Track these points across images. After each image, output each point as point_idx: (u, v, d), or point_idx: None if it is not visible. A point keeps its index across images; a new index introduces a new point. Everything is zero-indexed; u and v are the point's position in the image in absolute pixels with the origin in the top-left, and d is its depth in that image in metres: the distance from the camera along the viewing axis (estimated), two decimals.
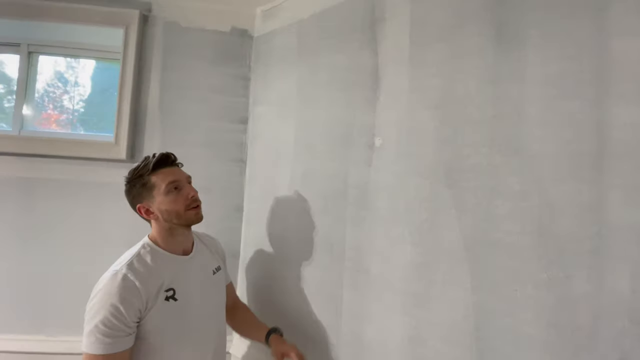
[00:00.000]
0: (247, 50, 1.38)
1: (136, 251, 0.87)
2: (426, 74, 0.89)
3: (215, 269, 1.01)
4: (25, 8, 1.31)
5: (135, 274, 0.81)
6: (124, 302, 0.77)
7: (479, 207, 0.78)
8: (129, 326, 0.78)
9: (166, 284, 0.85)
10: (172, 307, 0.85)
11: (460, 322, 0.79)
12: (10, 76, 1.58)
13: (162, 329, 0.84)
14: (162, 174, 0.88)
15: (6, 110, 1.58)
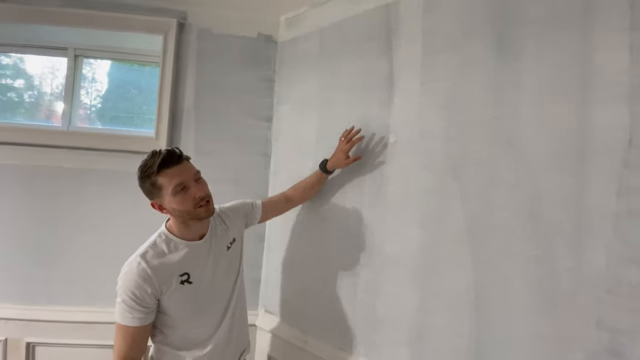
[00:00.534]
0: (272, 54, 1.51)
1: (152, 240, 0.93)
2: (435, 79, 1.01)
3: (229, 244, 1.05)
4: (75, 16, 1.47)
5: (148, 262, 0.87)
6: (139, 288, 0.85)
7: (480, 195, 0.90)
8: (147, 306, 0.87)
9: (181, 270, 0.91)
10: (188, 289, 0.92)
11: (462, 294, 0.92)
12: (29, 73, 1.76)
13: (180, 307, 0.92)
14: (168, 176, 0.87)
15: (26, 105, 1.75)
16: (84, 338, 1.41)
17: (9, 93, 1.71)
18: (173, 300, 0.90)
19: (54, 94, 1.76)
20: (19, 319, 1.41)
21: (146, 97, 1.73)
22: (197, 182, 0.93)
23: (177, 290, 0.90)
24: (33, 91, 1.75)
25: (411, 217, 1.03)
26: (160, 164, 0.86)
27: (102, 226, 1.46)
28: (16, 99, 1.73)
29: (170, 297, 0.90)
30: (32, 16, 1.48)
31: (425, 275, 1.00)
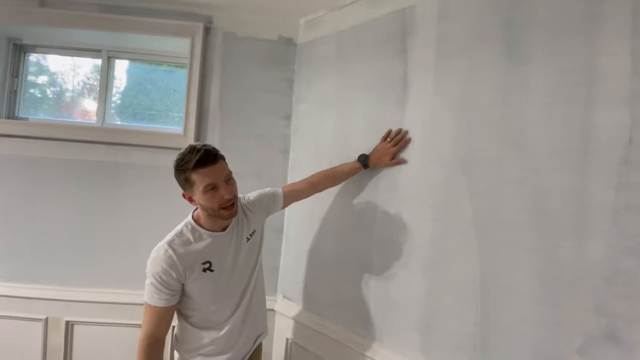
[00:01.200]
0: (292, 55, 1.60)
1: (179, 229, 1.00)
2: (448, 81, 1.08)
3: (249, 235, 1.10)
4: (111, 22, 1.59)
5: (174, 250, 0.94)
6: (164, 272, 0.93)
7: (487, 191, 0.97)
8: (172, 289, 0.94)
9: (204, 258, 0.98)
10: (209, 277, 0.99)
11: (469, 283, 0.99)
12: (51, 70, 1.88)
13: (201, 292, 0.99)
14: (201, 175, 0.91)
15: (50, 100, 1.88)
16: (116, 318, 1.55)
17: (32, 89, 1.84)
18: (195, 285, 0.98)
19: (75, 91, 1.89)
20: (59, 300, 1.55)
21: (163, 94, 1.84)
22: (227, 183, 0.97)
23: (200, 277, 0.98)
24: (55, 87, 1.88)
25: (423, 210, 1.11)
26: (196, 163, 0.91)
27: (134, 215, 1.58)
28: (39, 95, 1.86)
29: (193, 282, 0.97)
30: (71, 21, 1.60)
31: (435, 265, 1.07)
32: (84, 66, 1.86)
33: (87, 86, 1.88)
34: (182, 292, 0.99)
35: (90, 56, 1.82)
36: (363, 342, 1.24)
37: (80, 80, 1.86)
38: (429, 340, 1.08)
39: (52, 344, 1.55)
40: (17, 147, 1.57)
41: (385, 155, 1.18)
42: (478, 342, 0.97)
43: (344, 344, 1.28)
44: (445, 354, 1.04)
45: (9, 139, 1.57)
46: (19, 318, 1.55)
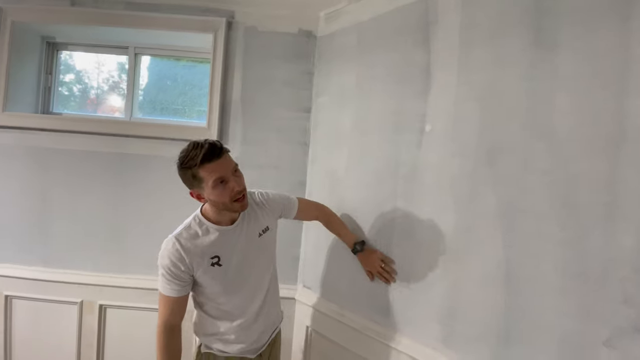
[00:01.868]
0: (312, 48, 1.61)
1: (188, 223, 1.01)
2: (472, 71, 1.06)
3: (262, 231, 1.10)
4: (137, 19, 1.64)
5: (181, 243, 0.96)
6: (173, 265, 0.95)
7: (513, 181, 0.96)
8: (182, 280, 0.96)
9: (212, 252, 0.98)
10: (217, 271, 0.99)
11: (492, 273, 0.99)
12: (77, 68, 1.96)
13: (211, 285, 1.00)
14: (209, 169, 0.91)
15: (76, 97, 1.96)
16: (145, 302, 1.62)
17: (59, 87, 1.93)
18: (205, 278, 0.99)
19: (100, 88, 1.97)
20: (93, 284, 1.64)
21: (184, 89, 1.89)
22: (235, 175, 0.96)
23: (208, 271, 0.98)
24: (81, 85, 1.97)
25: (444, 202, 1.10)
26: (203, 158, 0.89)
27: (160, 206, 1.65)
28: (66, 93, 1.95)
29: (202, 275, 0.98)
30: (100, 19, 1.67)
31: (457, 255, 1.07)
32: (108, 64, 1.94)
33: (111, 83, 1.96)
34: (195, 282, 1.01)
35: (118, 53, 1.89)
36: (383, 331, 1.26)
37: (104, 78, 1.94)
38: (450, 330, 1.08)
39: (86, 325, 1.65)
40: (52, 140, 1.66)
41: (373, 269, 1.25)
42: (502, 333, 0.97)
43: (363, 332, 1.30)
44: (467, 344, 1.04)
45: (44, 133, 1.66)
46: (55, 301, 1.65)
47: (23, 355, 1.67)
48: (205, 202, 1.00)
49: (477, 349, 1.02)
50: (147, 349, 1.62)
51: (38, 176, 1.66)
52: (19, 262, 1.66)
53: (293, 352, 1.60)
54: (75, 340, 1.65)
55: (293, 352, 1.60)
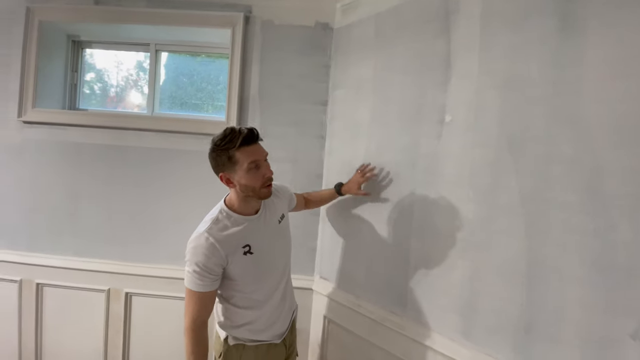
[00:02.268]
0: (328, 41, 1.61)
1: (214, 216, 1.02)
2: (494, 59, 1.04)
3: (280, 218, 1.15)
4: (158, 16, 1.68)
5: (215, 237, 0.97)
6: (207, 259, 0.95)
7: (536, 170, 0.94)
8: (214, 274, 0.97)
9: (243, 242, 1.01)
10: (250, 259, 1.02)
11: (514, 264, 0.98)
12: (97, 67, 2.02)
13: (244, 274, 1.02)
14: (246, 152, 0.95)
15: (98, 96, 2.02)
16: (168, 291, 1.68)
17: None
18: (237, 268, 1.01)
19: (119, 86, 2.03)
20: (120, 273, 1.71)
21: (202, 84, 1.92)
22: (266, 163, 1.02)
23: (241, 260, 1.01)
24: (101, 83, 2.03)
25: (464, 192, 1.10)
26: (242, 141, 0.95)
27: (182, 198, 1.69)
28: (87, 91, 2.02)
29: (235, 266, 1.00)
30: (123, 16, 1.72)
31: (477, 247, 1.07)
32: (127, 62, 2.00)
33: (130, 81, 2.02)
34: (224, 274, 1.02)
35: (139, 50, 1.94)
36: (400, 321, 1.26)
37: (123, 76, 2.00)
38: (469, 322, 1.08)
39: (113, 312, 1.73)
40: (79, 135, 1.73)
41: (354, 183, 1.36)
42: (523, 324, 0.96)
43: (380, 323, 1.31)
44: (487, 336, 1.04)
45: (72, 128, 1.73)
46: (85, 289, 1.73)
47: (53, 340, 1.77)
48: (233, 186, 1.01)
49: (497, 341, 1.02)
50: (170, 336, 1.69)
51: (67, 170, 1.74)
52: (50, 252, 1.75)
53: (310, 341, 1.63)
54: (103, 326, 1.73)
55: (310, 341, 1.63)
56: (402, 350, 1.24)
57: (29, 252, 1.75)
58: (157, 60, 1.90)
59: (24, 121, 1.73)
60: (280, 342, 1.14)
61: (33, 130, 1.75)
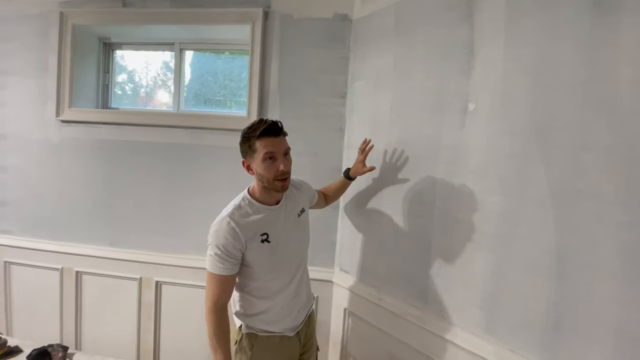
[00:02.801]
0: (347, 32, 1.59)
1: (237, 203, 1.06)
2: (521, 43, 0.99)
3: (300, 212, 1.17)
4: (182, 15, 1.74)
5: (236, 222, 1.00)
6: (227, 243, 0.98)
7: (567, 160, 0.89)
8: (233, 258, 1.00)
9: (261, 230, 1.04)
10: (267, 247, 1.04)
11: (542, 258, 0.94)
12: (128, 68, 2.10)
13: (260, 262, 1.05)
14: (264, 143, 0.99)
15: (129, 96, 2.11)
16: (195, 280, 1.76)
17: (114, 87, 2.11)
18: (254, 255, 1.03)
19: (148, 86, 2.11)
20: (151, 263, 1.81)
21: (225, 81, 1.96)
22: (284, 158, 1.03)
23: (258, 247, 1.03)
24: (132, 84, 2.12)
25: (489, 183, 1.06)
26: (262, 131, 0.99)
27: (208, 191, 1.76)
28: (119, 92, 2.12)
29: (252, 252, 1.03)
30: (148, 17, 1.78)
31: (502, 240, 1.03)
32: (155, 63, 2.08)
33: (158, 81, 2.10)
34: (242, 261, 1.04)
35: (164, 49, 2.01)
36: (421, 315, 1.25)
37: (152, 76, 2.09)
38: (493, 317, 1.05)
39: (145, 299, 1.83)
40: (112, 132, 1.83)
41: (357, 163, 1.38)
42: (551, 320, 0.93)
43: (401, 316, 1.30)
44: (512, 331, 1.01)
45: (105, 126, 1.84)
46: (119, 277, 1.84)
47: (91, 324, 1.90)
48: (252, 174, 1.06)
49: (521, 337, 0.99)
50: (196, 322, 1.77)
51: (101, 165, 1.85)
52: (88, 242, 1.87)
53: (331, 333, 1.65)
54: (136, 312, 1.83)
55: (331, 333, 1.65)
56: (422, 344, 1.23)
57: (69, 242, 1.89)
58: (181, 58, 1.96)
59: (61, 120, 1.86)
60: (294, 336, 1.15)
61: (70, 128, 1.87)
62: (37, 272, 1.91)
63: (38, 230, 1.92)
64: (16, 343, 1.61)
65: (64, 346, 1.57)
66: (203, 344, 1.78)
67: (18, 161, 1.92)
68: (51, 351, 1.53)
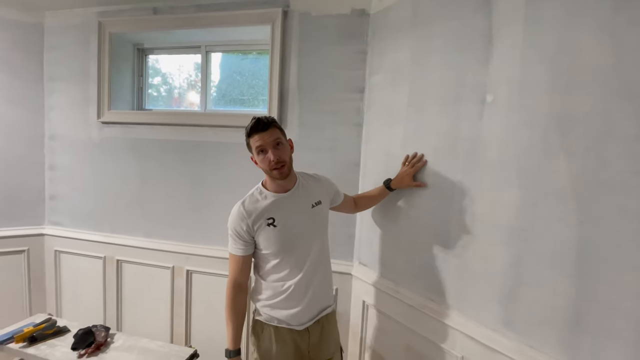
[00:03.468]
0: (365, 27, 1.60)
1: (251, 192, 1.19)
2: (542, 30, 0.96)
3: (315, 203, 1.21)
4: (207, 19, 1.82)
5: (245, 207, 1.14)
6: (237, 225, 1.14)
7: (590, 150, 0.86)
8: (242, 240, 1.14)
9: (268, 214, 1.13)
10: (273, 231, 1.13)
11: (563, 252, 0.91)
12: (162, 71, 2.22)
13: (268, 245, 1.14)
14: (254, 139, 1.10)
15: (164, 98, 2.23)
16: (225, 270, 1.85)
17: (149, 89, 2.25)
18: (262, 238, 1.14)
19: (181, 87, 2.23)
20: (182, 253, 1.93)
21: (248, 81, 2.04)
22: (275, 148, 1.10)
23: (265, 231, 1.13)
24: (166, 86, 2.26)
25: (508, 176, 1.04)
26: (250, 129, 1.11)
27: (233, 186, 1.84)
28: (155, 94, 2.25)
29: (260, 235, 1.14)
30: (177, 23, 1.89)
31: (521, 234, 1.01)
32: (186, 65, 2.20)
33: (190, 82, 2.22)
34: (255, 246, 1.17)
35: (192, 52, 2.12)
36: (439, 309, 1.25)
37: (184, 78, 2.21)
38: (511, 312, 1.03)
39: (177, 286, 1.97)
40: (146, 132, 1.97)
41: (406, 176, 1.32)
42: (571, 317, 0.90)
43: (419, 309, 1.31)
44: (531, 327, 0.99)
45: (140, 126, 1.98)
46: (153, 265, 1.99)
47: (130, 308, 2.07)
48: (259, 167, 1.16)
49: (541, 333, 0.96)
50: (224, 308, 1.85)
51: (138, 163, 2.00)
52: (127, 234, 2.04)
53: (351, 324, 1.69)
54: (169, 298, 1.98)
55: (351, 324, 1.69)
56: (440, 337, 1.23)
57: (111, 233, 2.06)
58: (207, 60, 2.06)
59: (102, 122, 2.02)
60: (304, 331, 1.19)
61: (109, 129, 2.03)
62: (83, 260, 2.12)
63: (83, 222, 2.11)
64: (64, 324, 1.80)
65: (106, 327, 1.73)
66: None
67: (65, 160, 2.13)
68: (95, 331, 1.69)
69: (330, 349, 1.27)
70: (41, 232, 2.16)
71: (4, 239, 2.08)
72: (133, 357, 1.59)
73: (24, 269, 2.14)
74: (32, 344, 1.63)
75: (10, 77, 2.04)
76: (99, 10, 1.98)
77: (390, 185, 1.38)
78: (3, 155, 2.05)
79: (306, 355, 1.21)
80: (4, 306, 2.09)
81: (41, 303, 2.19)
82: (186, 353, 1.62)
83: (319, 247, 1.22)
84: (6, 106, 2.04)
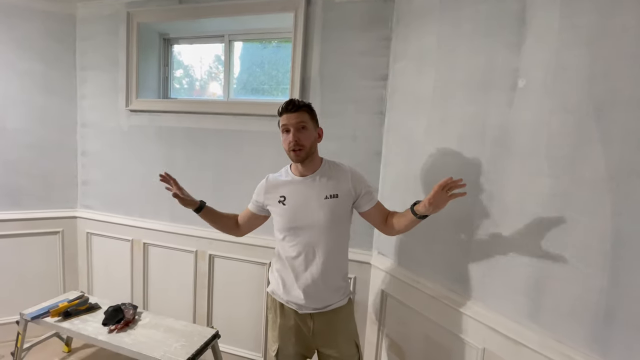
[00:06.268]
0: (389, 13, 1.57)
1: (281, 169, 1.31)
2: (578, 12, 0.91)
3: (329, 195, 1.19)
4: (231, 7, 1.84)
5: (268, 179, 1.31)
6: (257, 191, 1.34)
7: (629, 138, 0.81)
8: (255, 203, 1.34)
9: (281, 192, 1.25)
10: (281, 208, 1.24)
11: (595, 245, 0.88)
12: (185, 63, 2.25)
13: (277, 220, 1.26)
14: (282, 118, 1.18)
15: (186, 90, 2.27)
16: (246, 255, 1.92)
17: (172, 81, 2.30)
18: (274, 211, 1.27)
19: (202, 79, 2.27)
20: (205, 237, 1.99)
21: (269, 71, 2.05)
22: (298, 131, 1.16)
23: (275, 206, 1.26)
24: (188, 78, 2.30)
25: (538, 165, 1.00)
26: (281, 109, 1.19)
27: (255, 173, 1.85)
28: (177, 86, 2.30)
29: (271, 207, 1.28)
30: (200, 12, 1.92)
31: (550, 225, 0.97)
32: (207, 57, 2.23)
33: (211, 74, 2.25)
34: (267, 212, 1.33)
35: (215, 42, 2.15)
36: (460, 300, 1.23)
37: (205, 70, 2.24)
38: (538, 304, 1.01)
39: (200, 270, 2.04)
40: (172, 120, 2.03)
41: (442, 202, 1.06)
42: (602, 311, 0.87)
43: (439, 300, 1.30)
44: (558, 320, 0.96)
45: (166, 114, 2.04)
46: (178, 249, 2.07)
47: (156, 287, 2.17)
48: None
49: (569, 327, 0.94)
50: (244, 291, 1.93)
51: (164, 149, 2.07)
52: (154, 218, 2.12)
53: (369, 313, 1.70)
54: (192, 281, 2.05)
55: (369, 313, 1.70)
56: (460, 328, 1.22)
57: (139, 217, 2.15)
58: (230, 49, 2.09)
59: (130, 110, 2.10)
60: (306, 316, 1.23)
61: (137, 117, 2.10)
62: (113, 242, 2.22)
63: (113, 206, 2.22)
64: (95, 301, 1.91)
65: (134, 305, 1.82)
66: (250, 310, 1.95)
67: (96, 146, 2.22)
68: (124, 309, 1.78)
69: (339, 342, 1.24)
70: (74, 215, 2.28)
71: (42, 220, 2.21)
72: (159, 334, 1.66)
73: (59, 249, 2.27)
74: (66, 318, 1.75)
75: (45, 67, 2.14)
76: (127, 1, 2.04)
77: (416, 209, 1.13)
78: (40, 142, 2.17)
79: (308, 338, 1.26)
80: (41, 283, 2.24)
81: (74, 281, 2.33)
82: (209, 333, 1.68)
83: (328, 240, 1.19)
84: (43, 95, 2.15)
